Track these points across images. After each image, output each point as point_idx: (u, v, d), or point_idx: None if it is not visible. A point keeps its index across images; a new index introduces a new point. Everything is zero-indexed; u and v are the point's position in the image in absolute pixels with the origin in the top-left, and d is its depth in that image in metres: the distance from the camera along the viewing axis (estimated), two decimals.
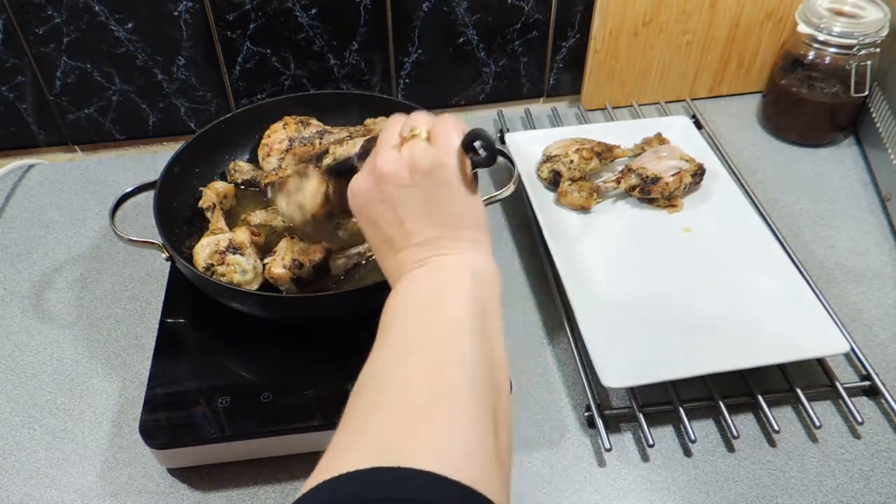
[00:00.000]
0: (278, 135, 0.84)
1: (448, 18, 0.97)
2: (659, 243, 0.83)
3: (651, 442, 0.66)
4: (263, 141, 0.84)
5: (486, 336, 0.46)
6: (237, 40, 0.95)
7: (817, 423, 0.67)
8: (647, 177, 0.85)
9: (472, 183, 0.52)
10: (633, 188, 0.86)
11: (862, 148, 0.99)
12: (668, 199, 0.86)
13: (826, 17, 0.91)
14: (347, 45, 0.97)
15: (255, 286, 0.71)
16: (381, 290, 0.67)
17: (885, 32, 0.90)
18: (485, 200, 0.74)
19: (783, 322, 0.73)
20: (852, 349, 0.72)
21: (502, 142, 1.00)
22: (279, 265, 0.70)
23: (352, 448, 0.40)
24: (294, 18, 0.94)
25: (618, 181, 0.87)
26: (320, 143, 0.84)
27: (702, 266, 0.80)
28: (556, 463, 0.67)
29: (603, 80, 1.04)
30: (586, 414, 0.69)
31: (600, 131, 0.95)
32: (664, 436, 0.69)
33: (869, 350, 0.74)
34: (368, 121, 0.87)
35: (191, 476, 0.67)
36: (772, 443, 0.68)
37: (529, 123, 1.04)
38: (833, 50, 0.92)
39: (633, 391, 0.70)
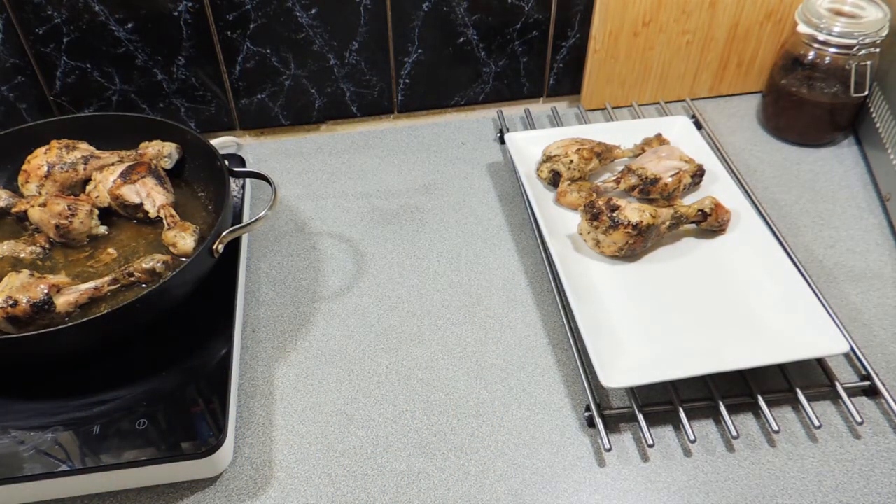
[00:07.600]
0: (38, 160, 0.80)
1: (448, 18, 0.97)
2: (658, 243, 0.83)
3: (651, 442, 0.66)
4: (24, 166, 0.81)
5: None
6: (237, 40, 0.95)
7: (817, 423, 0.67)
8: (647, 177, 0.85)
9: None
10: (632, 188, 0.86)
11: (862, 148, 0.99)
12: (668, 200, 0.86)
13: (826, 17, 0.91)
14: (347, 45, 0.97)
15: None
16: (96, 325, 0.62)
17: (885, 32, 0.90)
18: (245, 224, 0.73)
19: (783, 322, 0.73)
20: (852, 349, 0.72)
21: (502, 142, 1.01)
22: None
23: None
24: (294, 18, 0.94)
25: (617, 181, 0.87)
26: (84, 169, 0.81)
27: (701, 266, 0.80)
28: (556, 463, 0.67)
29: (603, 80, 1.04)
30: (586, 414, 0.69)
31: (600, 131, 0.95)
32: (664, 436, 0.69)
33: (869, 350, 0.74)
34: (143, 144, 0.84)
35: None
36: (771, 443, 0.68)
37: (529, 123, 1.04)
38: (833, 50, 0.92)
39: (632, 391, 0.70)
